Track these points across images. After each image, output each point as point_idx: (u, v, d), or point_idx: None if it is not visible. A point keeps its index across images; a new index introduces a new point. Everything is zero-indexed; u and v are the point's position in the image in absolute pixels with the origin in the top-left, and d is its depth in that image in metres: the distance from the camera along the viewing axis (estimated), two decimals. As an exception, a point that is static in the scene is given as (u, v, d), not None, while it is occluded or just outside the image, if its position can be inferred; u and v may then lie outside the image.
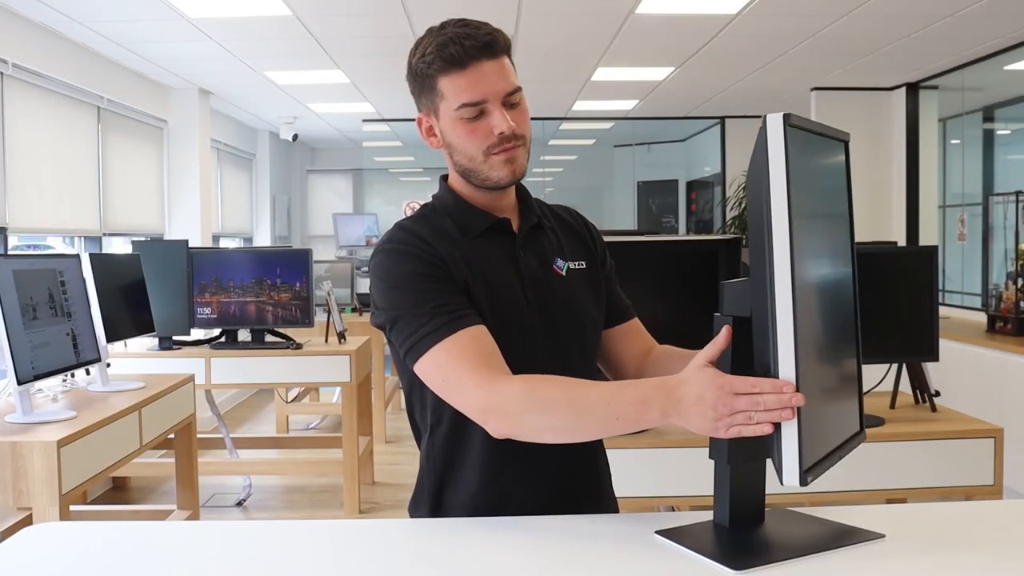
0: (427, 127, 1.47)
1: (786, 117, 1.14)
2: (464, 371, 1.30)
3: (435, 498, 1.47)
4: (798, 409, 1.12)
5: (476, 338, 1.33)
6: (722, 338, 1.20)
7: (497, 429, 1.30)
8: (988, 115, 6.71)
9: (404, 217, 1.51)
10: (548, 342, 1.44)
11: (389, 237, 1.45)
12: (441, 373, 1.33)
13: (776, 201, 1.13)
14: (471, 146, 1.41)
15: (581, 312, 1.50)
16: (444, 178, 1.54)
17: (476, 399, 1.30)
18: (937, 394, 2.74)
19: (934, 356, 2.68)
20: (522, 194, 1.53)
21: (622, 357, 1.57)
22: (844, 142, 1.37)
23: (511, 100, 1.41)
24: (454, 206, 1.48)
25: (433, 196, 1.54)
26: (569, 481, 1.48)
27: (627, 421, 1.23)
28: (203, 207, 6.80)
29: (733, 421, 1.14)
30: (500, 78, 1.40)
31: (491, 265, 1.44)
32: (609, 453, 1.61)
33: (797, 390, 1.12)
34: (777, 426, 1.13)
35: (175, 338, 4.43)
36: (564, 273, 1.49)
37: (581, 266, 1.53)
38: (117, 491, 4.98)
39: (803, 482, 1.13)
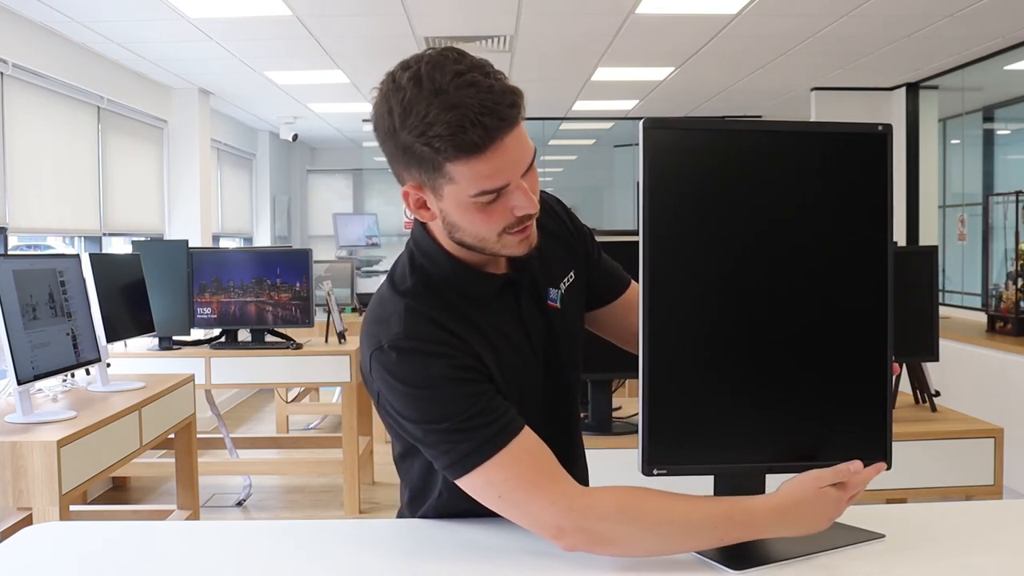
0: (417, 200, 1.22)
1: (647, 122, 1.22)
2: (529, 489, 1.18)
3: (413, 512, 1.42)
4: (649, 406, 1.23)
5: (530, 447, 1.20)
6: (846, 470, 1.23)
7: (573, 545, 1.18)
8: (988, 115, 6.71)
9: (400, 289, 1.26)
10: (548, 379, 1.36)
11: (405, 330, 1.20)
12: (497, 490, 1.19)
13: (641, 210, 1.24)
14: (484, 229, 1.20)
15: (577, 334, 1.42)
16: (424, 228, 1.29)
17: (551, 517, 1.17)
18: (937, 394, 2.74)
19: (934, 356, 2.68)
20: None
21: (630, 323, 1.44)
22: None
23: (528, 168, 1.19)
24: (453, 273, 1.27)
25: (419, 253, 1.29)
26: None
27: (732, 540, 1.19)
28: (203, 207, 6.80)
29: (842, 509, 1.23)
30: (522, 151, 1.16)
31: (504, 333, 1.29)
32: (608, 453, 1.60)
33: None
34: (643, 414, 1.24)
35: (175, 338, 4.43)
36: (559, 304, 1.36)
37: (570, 280, 1.39)
38: (117, 491, 4.98)
39: (644, 471, 1.25)
